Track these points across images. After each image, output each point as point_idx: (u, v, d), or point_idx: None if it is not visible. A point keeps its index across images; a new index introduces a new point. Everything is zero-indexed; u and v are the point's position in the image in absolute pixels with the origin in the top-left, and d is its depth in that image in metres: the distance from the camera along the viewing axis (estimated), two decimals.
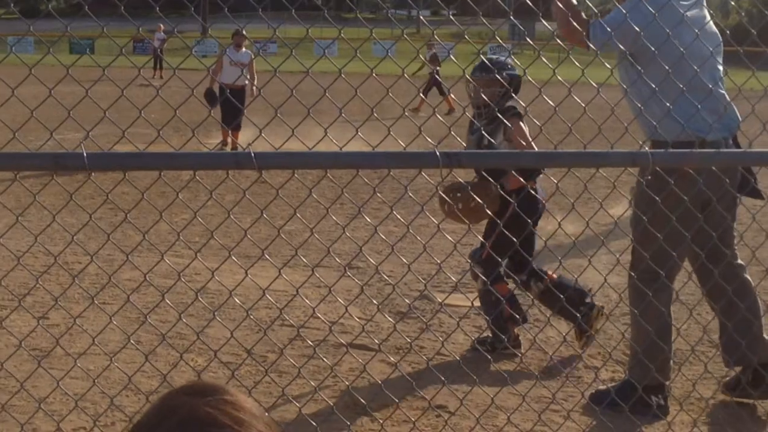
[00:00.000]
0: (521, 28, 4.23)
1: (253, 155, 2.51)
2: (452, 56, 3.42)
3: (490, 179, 5.27)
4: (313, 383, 4.55)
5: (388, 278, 6.45)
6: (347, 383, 4.64)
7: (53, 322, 5.83)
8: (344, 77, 2.85)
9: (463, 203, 5.13)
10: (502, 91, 5.54)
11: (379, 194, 3.16)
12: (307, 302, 5.69)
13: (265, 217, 3.08)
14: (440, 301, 5.99)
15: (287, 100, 2.90)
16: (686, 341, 5.03)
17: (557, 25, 4.38)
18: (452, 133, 3.09)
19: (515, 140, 5.35)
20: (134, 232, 7.68)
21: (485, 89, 5.51)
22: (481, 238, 5.64)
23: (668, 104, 3.91)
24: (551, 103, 3.10)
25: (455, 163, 2.74)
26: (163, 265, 3.84)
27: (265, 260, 3.28)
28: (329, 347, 5.62)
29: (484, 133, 5.20)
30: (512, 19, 3.70)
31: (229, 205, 8.11)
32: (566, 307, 5.04)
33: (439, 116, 3.08)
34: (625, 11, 4.21)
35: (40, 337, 5.40)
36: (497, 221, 4.56)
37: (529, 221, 4.32)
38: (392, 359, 5.16)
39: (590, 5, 4.46)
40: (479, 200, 4.73)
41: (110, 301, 6.36)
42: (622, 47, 4.36)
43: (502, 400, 4.56)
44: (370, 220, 3.95)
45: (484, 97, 5.46)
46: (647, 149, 3.07)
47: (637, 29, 3.95)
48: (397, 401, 4.20)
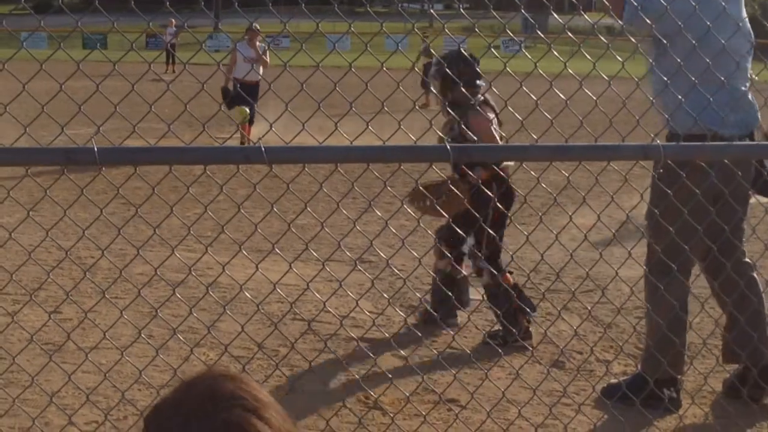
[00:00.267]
0: (533, 21, 4.22)
1: (263, 149, 2.51)
2: (463, 50, 3.41)
3: (469, 172, 5.34)
4: (323, 377, 4.56)
5: (399, 272, 6.45)
6: (358, 377, 4.65)
7: (65, 316, 5.85)
8: (354, 71, 2.85)
9: (432, 199, 5.34)
10: (451, 85, 5.59)
11: (390, 188, 3.16)
12: (318, 296, 5.70)
13: (275, 211, 3.08)
14: (451, 295, 6.00)
15: (297, 94, 2.90)
16: (698, 335, 5.02)
17: None
18: (463, 127, 3.08)
19: (477, 132, 5.39)
20: (146, 226, 7.69)
21: (435, 83, 5.69)
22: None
23: (683, 95, 3.88)
24: (562, 96, 3.09)
25: (466, 156, 2.73)
26: (174, 259, 3.84)
27: (276, 254, 3.29)
28: (340, 341, 5.63)
29: (449, 128, 5.45)
30: (524, 12, 3.69)
31: (240, 199, 8.12)
32: (508, 313, 5.48)
33: (449, 110, 3.07)
34: None
35: (52, 331, 5.42)
36: (480, 214, 4.69)
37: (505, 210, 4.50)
38: (403, 353, 5.16)
39: None
40: (457, 193, 4.93)
41: (122, 295, 6.37)
42: (647, 29, 4.27)
43: (513, 393, 4.56)
44: (381, 213, 3.95)
45: (434, 91, 5.69)
46: (658, 142, 3.05)
47: (663, 3, 3.90)
48: (408, 395, 4.19)
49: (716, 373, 4.89)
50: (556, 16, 3.54)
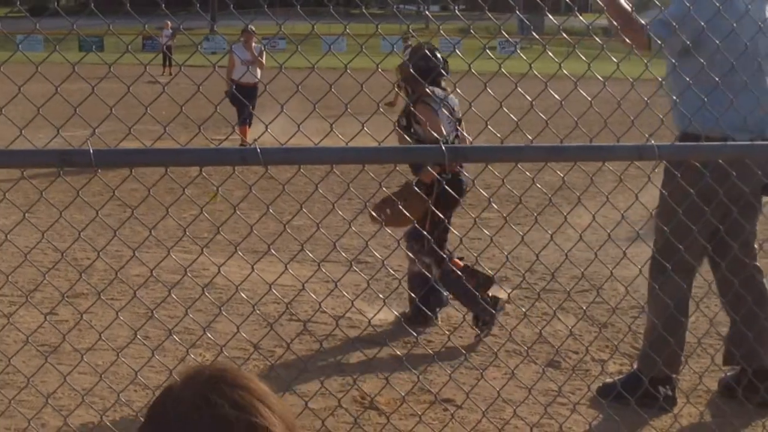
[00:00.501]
0: (528, 23, 4.23)
1: (259, 151, 2.52)
2: (458, 51, 3.42)
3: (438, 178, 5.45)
4: (320, 377, 4.57)
5: (395, 272, 6.46)
6: (354, 377, 4.65)
7: (61, 317, 5.85)
8: (350, 73, 2.86)
9: (391, 210, 5.39)
10: (410, 80, 5.75)
11: (385, 189, 3.17)
12: (313, 297, 5.71)
13: (271, 212, 3.09)
14: (447, 294, 6.01)
15: (292, 96, 2.90)
16: (693, 334, 5.03)
17: (615, 30, 4.29)
18: (458, 128, 3.09)
19: (423, 125, 5.48)
20: (142, 228, 7.69)
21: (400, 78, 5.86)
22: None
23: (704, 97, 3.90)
24: (557, 97, 3.10)
25: (461, 157, 2.74)
26: (170, 260, 3.85)
27: (272, 255, 3.30)
28: (336, 341, 5.64)
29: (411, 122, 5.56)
30: (518, 14, 3.71)
31: (237, 200, 8.12)
32: (465, 293, 5.56)
33: (445, 111, 3.08)
34: (688, 4, 4.09)
35: (48, 332, 5.43)
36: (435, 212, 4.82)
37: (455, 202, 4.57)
38: (399, 353, 5.17)
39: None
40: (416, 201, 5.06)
41: (118, 296, 6.38)
42: (677, 43, 4.24)
43: (508, 393, 4.57)
44: (376, 214, 3.97)
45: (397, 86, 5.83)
46: (653, 142, 3.06)
47: (700, 23, 3.90)
48: (403, 395, 4.21)
49: (711, 372, 4.91)
50: (551, 17, 3.56)
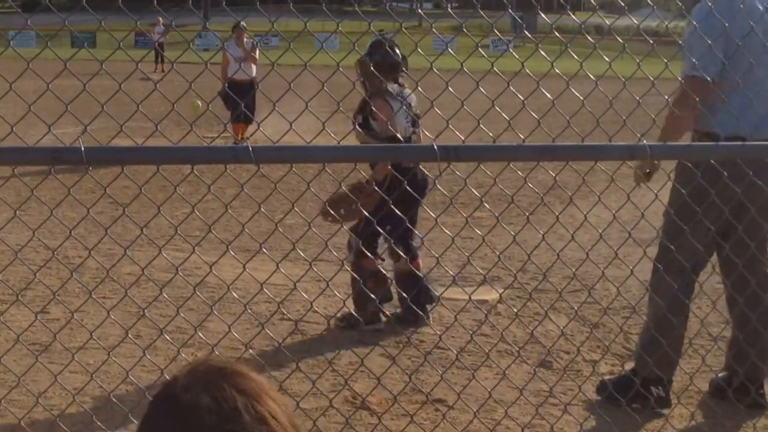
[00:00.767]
0: (520, 21, 4.23)
1: (251, 149, 2.51)
2: (450, 50, 3.42)
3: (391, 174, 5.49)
4: (311, 377, 4.56)
5: (387, 272, 6.46)
6: (345, 377, 4.65)
7: (52, 316, 5.83)
8: (342, 71, 2.85)
9: (344, 208, 5.44)
10: (368, 75, 5.80)
11: (377, 188, 3.16)
12: (305, 296, 5.70)
13: (263, 211, 3.08)
14: (439, 294, 6.01)
15: (285, 94, 2.90)
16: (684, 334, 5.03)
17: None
18: (450, 126, 3.09)
19: (379, 122, 5.62)
20: (134, 226, 7.65)
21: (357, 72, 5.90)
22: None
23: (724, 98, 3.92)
24: (549, 96, 3.09)
25: (453, 156, 2.74)
26: (162, 259, 3.83)
27: (264, 254, 3.29)
28: (328, 341, 5.63)
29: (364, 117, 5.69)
30: (511, 12, 3.70)
31: (229, 198, 8.11)
32: (361, 294, 5.71)
33: (437, 110, 3.07)
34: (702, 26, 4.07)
35: (39, 331, 5.41)
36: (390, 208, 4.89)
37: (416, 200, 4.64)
38: (391, 353, 5.16)
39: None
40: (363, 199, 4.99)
41: (109, 295, 6.36)
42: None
43: (500, 393, 4.57)
44: (368, 213, 3.96)
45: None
46: (645, 142, 3.06)
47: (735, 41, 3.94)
48: (395, 395, 4.20)
49: (702, 373, 4.91)
50: (543, 16, 3.55)
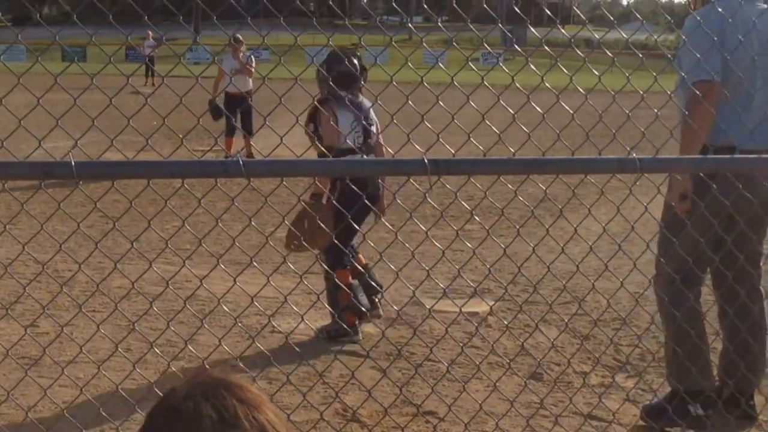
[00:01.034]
0: (509, 35, 4.25)
1: (241, 163, 2.51)
2: (441, 64, 3.43)
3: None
4: (302, 390, 4.55)
5: (377, 285, 6.45)
6: (336, 390, 4.64)
7: (42, 330, 5.82)
8: (332, 84, 2.86)
9: (307, 232, 5.53)
10: (324, 84, 5.77)
11: (367, 201, 3.16)
12: (295, 309, 5.69)
13: (253, 224, 3.08)
14: (429, 307, 6.01)
15: (276, 108, 2.90)
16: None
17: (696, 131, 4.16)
18: (441, 140, 3.10)
19: (323, 127, 5.71)
20: (124, 239, 7.66)
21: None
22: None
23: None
24: (539, 109, 3.11)
25: (443, 170, 2.74)
26: (152, 272, 3.83)
27: (254, 267, 3.29)
28: (318, 354, 5.62)
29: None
30: (501, 26, 3.72)
31: (219, 211, 8.10)
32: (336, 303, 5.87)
33: (427, 123, 3.08)
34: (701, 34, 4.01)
35: (28, 345, 5.39)
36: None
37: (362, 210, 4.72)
38: (381, 365, 5.16)
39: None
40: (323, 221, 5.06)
41: (100, 309, 6.35)
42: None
43: (491, 405, 4.57)
44: (359, 227, 3.96)
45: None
46: (634, 155, 3.07)
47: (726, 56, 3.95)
48: (386, 407, 4.20)
49: None
50: (533, 30, 3.57)
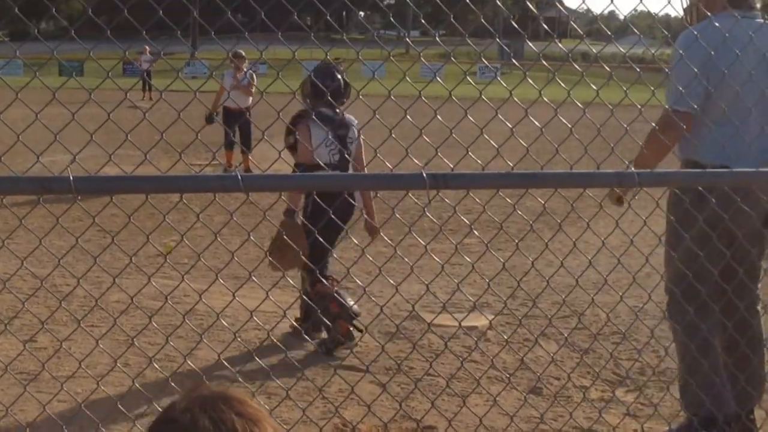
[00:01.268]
0: (507, 50, 4.25)
1: (239, 177, 2.52)
2: (438, 78, 3.43)
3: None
4: (301, 405, 4.54)
5: (376, 299, 6.45)
6: (336, 405, 4.63)
7: (40, 345, 5.80)
8: (331, 99, 2.86)
9: (282, 252, 5.52)
10: (307, 97, 5.99)
11: (366, 216, 3.16)
12: (294, 323, 5.69)
13: (252, 239, 3.08)
14: (429, 321, 6.00)
15: (274, 123, 2.91)
16: (673, 360, 5.03)
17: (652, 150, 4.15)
18: (439, 154, 3.10)
19: (300, 140, 5.64)
20: (122, 254, 7.65)
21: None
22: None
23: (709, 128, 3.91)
24: (537, 123, 3.11)
25: (442, 184, 2.74)
26: (151, 287, 3.83)
27: (253, 282, 3.28)
28: (318, 368, 5.61)
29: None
30: (498, 41, 3.72)
31: (218, 226, 8.10)
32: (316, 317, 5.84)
33: (426, 138, 3.08)
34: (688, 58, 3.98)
35: (27, 360, 5.38)
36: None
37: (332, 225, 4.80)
38: (381, 380, 5.15)
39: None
40: (290, 240, 5.13)
41: (98, 323, 6.34)
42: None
43: (490, 420, 4.56)
44: (357, 241, 3.97)
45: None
46: (632, 169, 3.07)
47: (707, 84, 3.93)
48: (385, 422, 4.19)
49: None
50: (531, 44, 3.58)
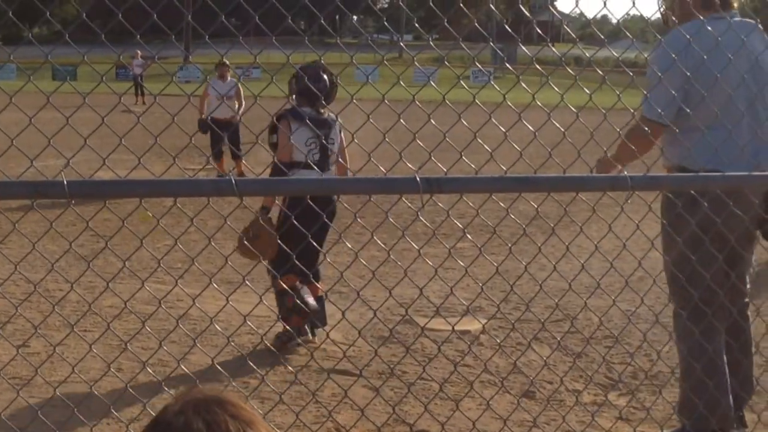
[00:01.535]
0: (500, 54, 4.26)
1: (234, 182, 2.52)
2: (432, 82, 3.44)
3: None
4: (294, 409, 4.54)
5: (369, 303, 6.45)
6: (329, 409, 4.63)
7: (33, 350, 5.80)
8: (324, 103, 2.86)
9: (254, 243, 5.53)
10: (290, 94, 5.86)
11: (360, 219, 3.17)
12: (288, 328, 5.69)
13: (245, 243, 3.08)
14: (422, 325, 6.00)
15: (268, 126, 2.91)
16: (666, 364, 5.04)
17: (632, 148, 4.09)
18: (433, 158, 3.10)
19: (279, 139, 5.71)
20: (116, 258, 7.64)
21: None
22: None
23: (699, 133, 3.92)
24: (531, 127, 3.12)
25: (435, 188, 2.75)
26: (144, 291, 3.82)
27: (246, 286, 3.29)
28: (311, 373, 5.61)
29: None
30: (492, 45, 3.73)
31: (211, 230, 8.09)
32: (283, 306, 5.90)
33: (419, 142, 3.09)
34: (660, 71, 4.00)
35: (19, 365, 5.37)
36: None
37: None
38: (374, 384, 5.15)
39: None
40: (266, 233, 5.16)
41: (91, 328, 6.33)
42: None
43: (483, 424, 4.56)
44: (351, 245, 3.97)
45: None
46: (625, 173, 3.08)
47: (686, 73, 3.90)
48: (379, 426, 4.18)
49: None
50: (524, 48, 3.59)
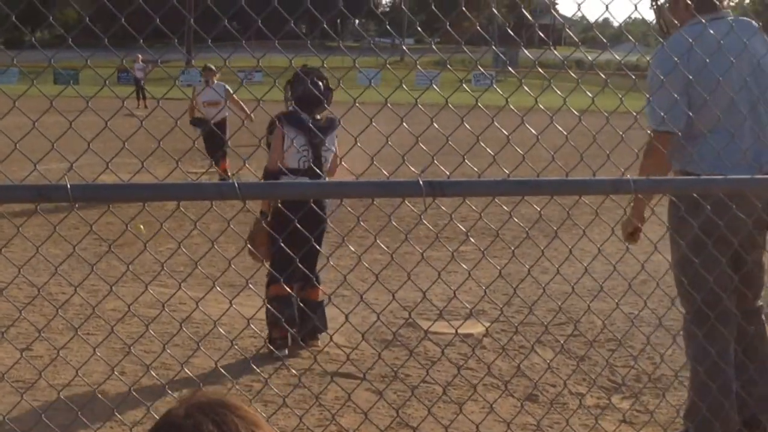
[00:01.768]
0: (502, 57, 4.26)
1: (237, 185, 2.51)
2: (435, 85, 3.44)
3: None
4: (298, 412, 4.54)
5: (372, 306, 6.45)
6: (332, 412, 4.63)
7: (37, 353, 5.80)
8: (327, 107, 2.86)
9: (257, 246, 5.56)
10: (286, 102, 6.16)
11: (363, 223, 3.17)
12: (291, 331, 5.69)
13: (249, 247, 3.08)
14: (425, 328, 6.00)
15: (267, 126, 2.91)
16: (670, 367, 5.04)
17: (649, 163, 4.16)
18: (435, 162, 3.10)
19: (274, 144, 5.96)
20: (119, 262, 7.65)
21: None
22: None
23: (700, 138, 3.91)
24: (533, 131, 3.12)
25: (438, 192, 2.75)
26: (147, 295, 3.83)
27: (250, 289, 3.29)
28: (314, 376, 5.61)
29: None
30: (494, 48, 3.73)
31: (214, 233, 8.10)
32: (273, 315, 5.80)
33: (422, 145, 3.09)
34: (662, 75, 3.97)
35: (23, 369, 5.37)
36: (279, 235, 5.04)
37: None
38: (377, 387, 5.15)
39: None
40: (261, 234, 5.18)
41: (94, 331, 6.33)
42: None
43: (487, 427, 4.56)
44: (354, 248, 3.97)
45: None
46: (628, 176, 3.08)
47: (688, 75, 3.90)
48: (382, 430, 4.19)
49: None
50: (526, 51, 3.58)
